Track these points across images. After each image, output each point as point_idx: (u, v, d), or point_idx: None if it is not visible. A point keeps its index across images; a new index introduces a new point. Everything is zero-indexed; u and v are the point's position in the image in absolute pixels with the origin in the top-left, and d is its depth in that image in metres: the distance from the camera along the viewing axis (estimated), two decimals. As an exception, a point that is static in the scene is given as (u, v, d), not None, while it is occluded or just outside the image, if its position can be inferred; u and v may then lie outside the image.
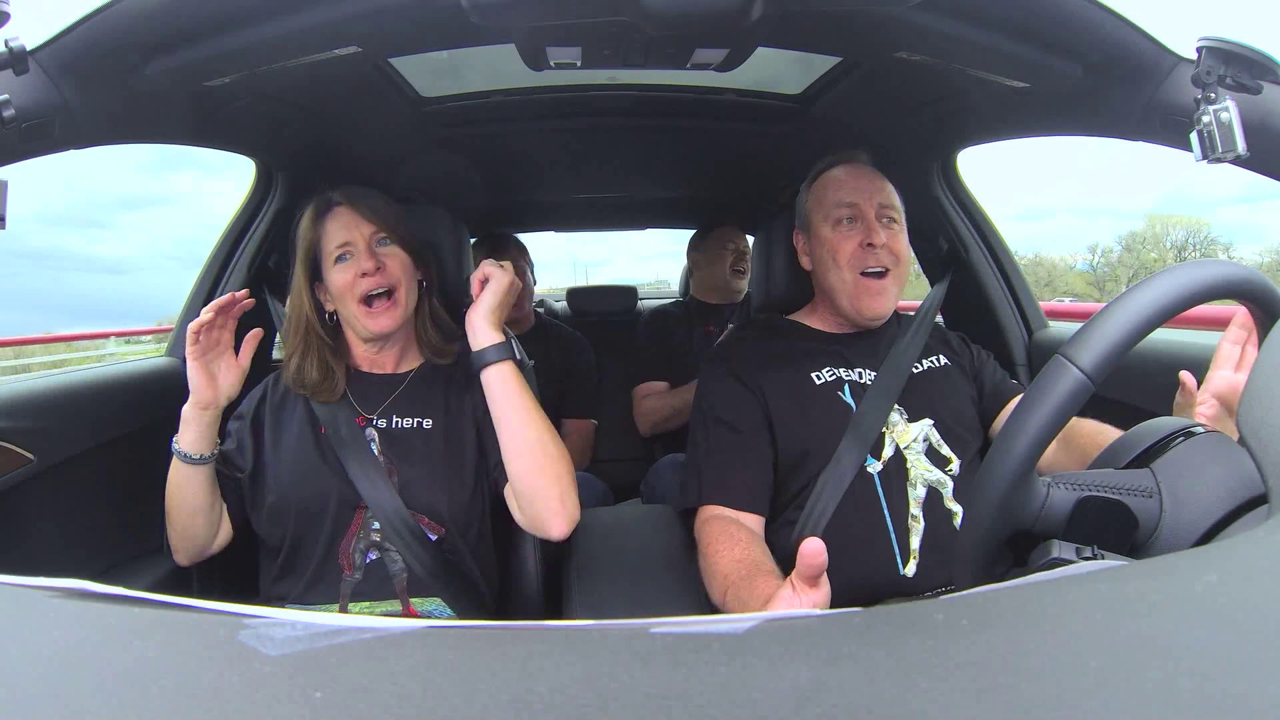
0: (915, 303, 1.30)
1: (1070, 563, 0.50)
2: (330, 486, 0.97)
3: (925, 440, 1.01)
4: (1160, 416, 0.61)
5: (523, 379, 0.96)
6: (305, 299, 1.03)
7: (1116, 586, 0.32)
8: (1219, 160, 0.74)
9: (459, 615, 0.99)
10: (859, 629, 0.31)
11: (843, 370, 1.05)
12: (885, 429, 1.00)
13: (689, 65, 0.97)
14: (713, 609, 0.95)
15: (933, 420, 1.02)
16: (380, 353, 1.06)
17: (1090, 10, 0.80)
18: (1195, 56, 0.75)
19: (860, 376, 1.05)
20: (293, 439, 1.01)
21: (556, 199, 2.21)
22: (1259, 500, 0.48)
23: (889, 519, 0.96)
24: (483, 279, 0.99)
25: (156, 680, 0.28)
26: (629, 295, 2.53)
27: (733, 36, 0.87)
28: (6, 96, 0.73)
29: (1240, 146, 0.73)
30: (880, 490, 0.97)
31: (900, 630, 0.30)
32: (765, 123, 1.49)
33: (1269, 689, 0.24)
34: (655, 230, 2.77)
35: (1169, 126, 0.85)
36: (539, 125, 1.49)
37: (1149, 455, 0.56)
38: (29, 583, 0.37)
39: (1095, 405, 0.62)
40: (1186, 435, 0.56)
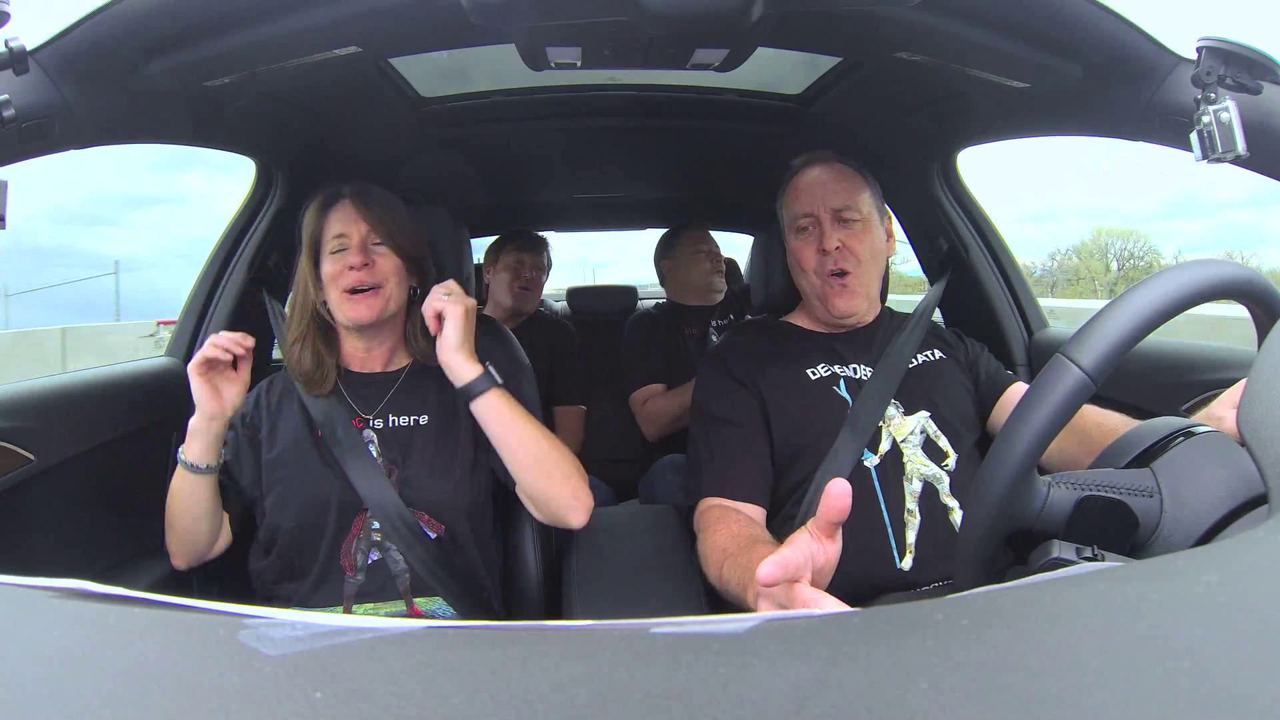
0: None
1: (1070, 563, 0.51)
2: (330, 489, 0.98)
3: (922, 433, 1.01)
4: (1160, 416, 0.61)
5: (511, 400, 0.97)
6: (310, 284, 1.04)
7: (1116, 586, 0.32)
8: (1219, 160, 0.74)
9: (461, 615, 0.99)
10: (859, 628, 0.31)
11: (838, 366, 1.06)
12: (882, 423, 1.00)
13: (689, 65, 0.98)
14: (712, 609, 0.95)
15: (929, 413, 1.02)
16: (369, 351, 1.06)
17: (1090, 10, 0.80)
18: (1195, 56, 0.75)
19: (855, 372, 1.06)
20: (290, 442, 1.02)
21: (556, 199, 2.21)
22: (1259, 500, 0.49)
23: (885, 514, 0.96)
24: (436, 314, 0.97)
25: (156, 680, 0.28)
26: (629, 295, 2.53)
27: (733, 36, 0.87)
28: (6, 96, 0.73)
29: (1240, 146, 0.73)
30: (877, 485, 0.98)
31: (900, 630, 0.30)
32: (765, 123, 1.49)
33: (1269, 689, 0.24)
34: (661, 230, 2.77)
35: (1169, 127, 0.85)
36: (539, 125, 1.49)
37: (1149, 455, 0.56)
38: (29, 583, 0.37)
39: (1096, 404, 0.62)
40: (1186, 435, 0.56)
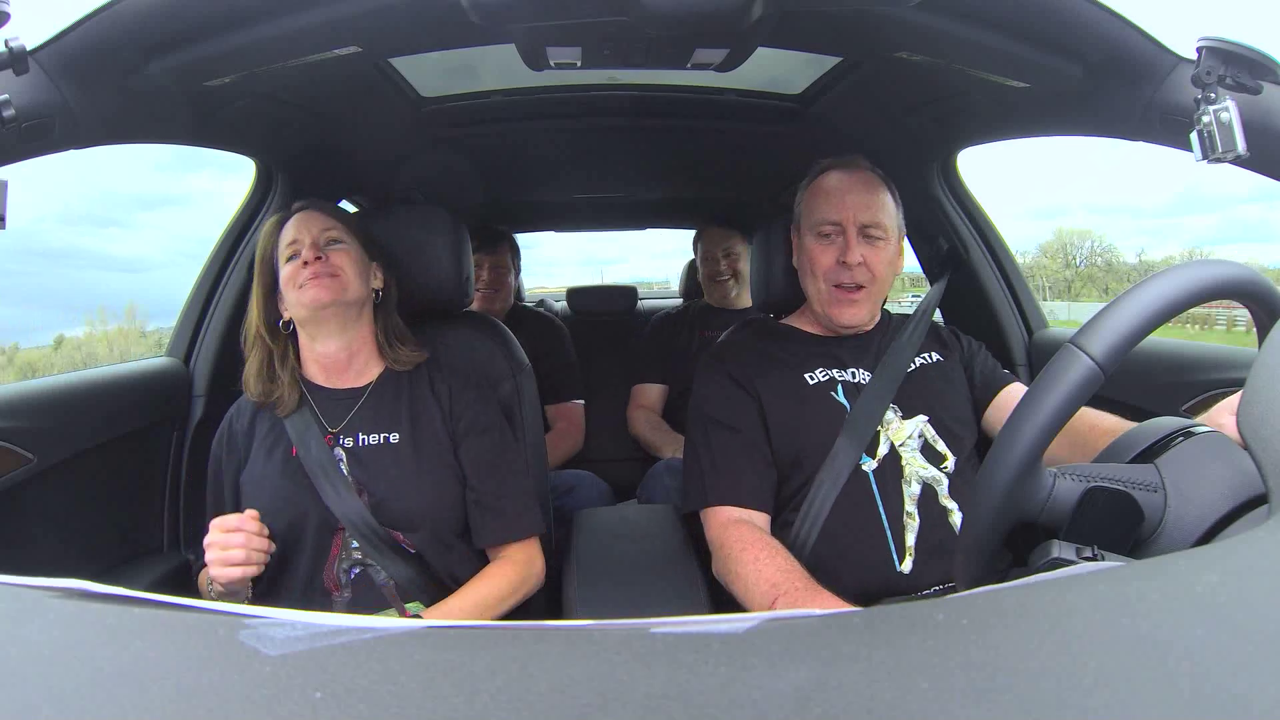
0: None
1: (1070, 563, 0.50)
2: (307, 509, 0.96)
3: (920, 437, 1.01)
4: (1160, 416, 0.61)
5: (451, 613, 0.94)
6: (254, 303, 1.02)
7: (1116, 586, 0.32)
8: (1219, 160, 0.74)
9: None
10: (859, 629, 0.31)
11: (836, 370, 1.06)
12: (880, 427, 1.00)
13: (689, 65, 0.97)
14: (713, 609, 0.94)
15: (927, 417, 1.02)
16: (336, 359, 1.03)
17: (1090, 10, 0.80)
18: (1195, 56, 0.75)
19: (854, 376, 1.05)
20: (263, 464, 1.00)
21: (556, 199, 2.21)
22: (1259, 500, 0.49)
23: (884, 517, 0.96)
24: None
25: (156, 680, 0.28)
26: (628, 295, 2.53)
27: (733, 36, 0.87)
28: (6, 96, 0.73)
29: (1240, 146, 0.73)
30: (875, 488, 0.97)
31: (900, 630, 0.30)
32: (765, 123, 1.49)
33: (1269, 689, 0.24)
34: (660, 230, 2.78)
35: (1169, 126, 0.85)
36: (539, 125, 1.49)
37: (1151, 453, 0.57)
38: (29, 583, 0.37)
39: (1095, 405, 0.62)
40: (1187, 435, 0.56)
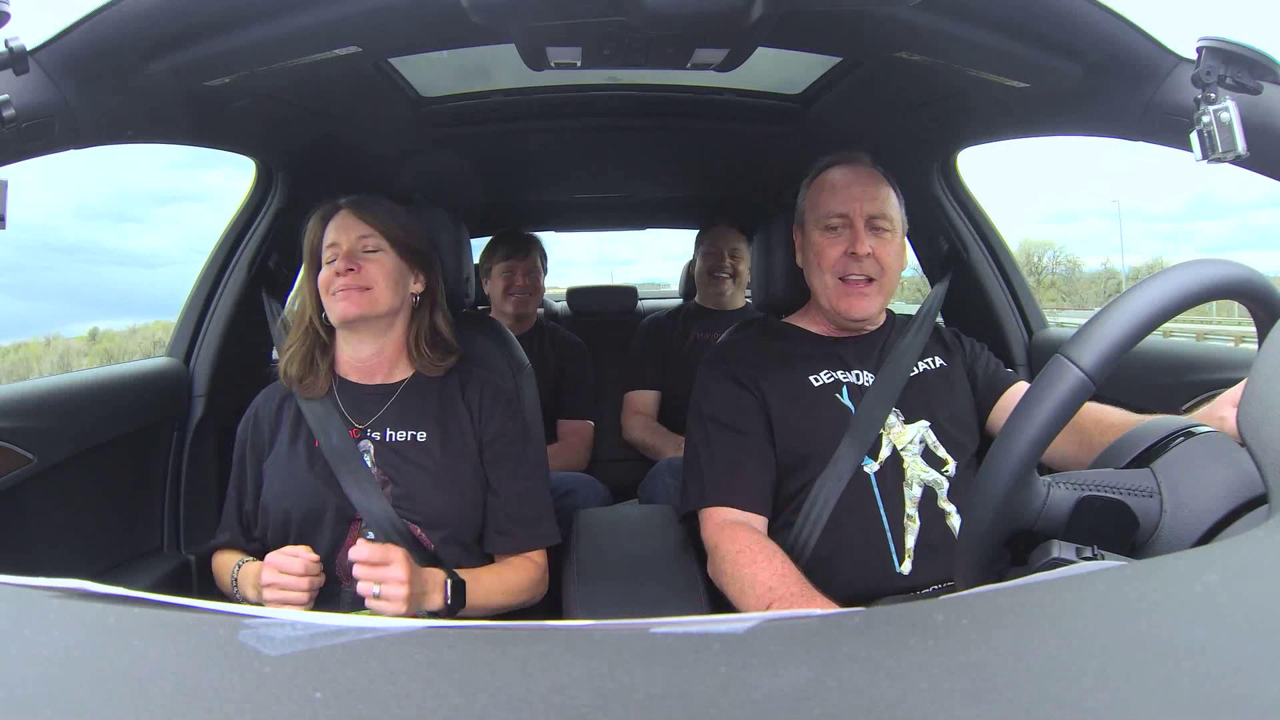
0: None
1: (1070, 563, 0.50)
2: (326, 498, 0.98)
3: (921, 442, 1.01)
4: (1160, 416, 0.61)
5: (476, 586, 0.95)
6: (307, 294, 1.06)
7: (1116, 586, 0.32)
8: (1219, 160, 0.74)
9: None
10: (859, 629, 0.31)
11: (840, 373, 1.05)
12: (882, 430, 1.00)
13: (689, 65, 0.97)
14: (712, 609, 0.94)
15: (929, 422, 1.02)
16: (368, 360, 1.06)
17: (1090, 10, 0.80)
18: (1195, 56, 0.75)
19: (858, 379, 1.05)
20: (286, 449, 1.03)
21: (556, 199, 2.21)
22: (1259, 500, 0.48)
23: (885, 519, 0.96)
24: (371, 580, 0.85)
25: (156, 680, 0.28)
26: (629, 295, 2.53)
27: (733, 36, 0.87)
28: (6, 96, 0.73)
29: (1240, 146, 0.73)
30: (876, 490, 0.97)
31: (900, 630, 0.30)
32: (765, 123, 1.49)
33: (1269, 689, 0.24)
34: (660, 230, 2.77)
35: (1169, 126, 0.85)
36: (539, 125, 1.49)
37: (1149, 455, 0.56)
38: (29, 583, 0.37)
39: (1099, 401, 0.62)
40: (1186, 435, 0.56)
